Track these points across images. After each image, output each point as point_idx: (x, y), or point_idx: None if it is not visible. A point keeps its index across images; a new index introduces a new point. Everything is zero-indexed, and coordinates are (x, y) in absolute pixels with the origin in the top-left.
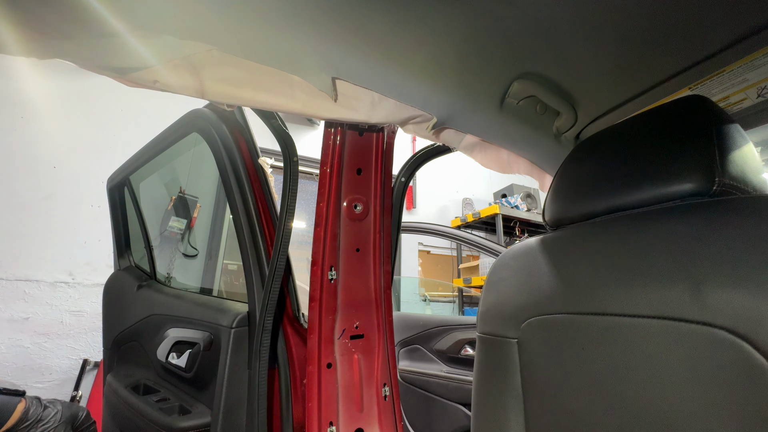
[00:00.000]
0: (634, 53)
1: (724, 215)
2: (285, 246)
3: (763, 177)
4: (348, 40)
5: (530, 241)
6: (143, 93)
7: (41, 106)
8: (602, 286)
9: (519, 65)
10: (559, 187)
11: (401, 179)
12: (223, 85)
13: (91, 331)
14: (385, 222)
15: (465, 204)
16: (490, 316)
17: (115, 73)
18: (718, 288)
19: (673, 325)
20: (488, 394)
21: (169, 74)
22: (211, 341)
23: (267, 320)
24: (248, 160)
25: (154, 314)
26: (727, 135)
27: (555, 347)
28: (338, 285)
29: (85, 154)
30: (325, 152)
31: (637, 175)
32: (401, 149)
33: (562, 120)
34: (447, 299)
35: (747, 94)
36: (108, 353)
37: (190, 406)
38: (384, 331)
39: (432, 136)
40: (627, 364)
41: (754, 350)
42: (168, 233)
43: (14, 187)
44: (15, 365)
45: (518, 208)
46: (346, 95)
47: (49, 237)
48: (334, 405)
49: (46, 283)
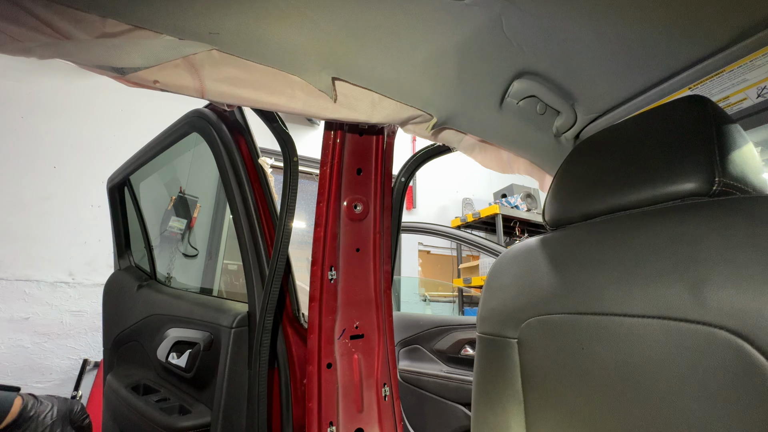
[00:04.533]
0: (634, 53)
1: (724, 215)
2: (285, 246)
3: (763, 177)
4: (348, 40)
5: (530, 241)
6: (143, 93)
7: (41, 106)
8: (602, 286)
9: (519, 65)
10: (559, 187)
11: (401, 179)
12: (223, 85)
13: (91, 331)
14: (385, 222)
15: (465, 204)
16: (490, 316)
17: (115, 73)
18: (718, 288)
19: (673, 325)
20: (488, 394)
21: (169, 74)
22: (211, 341)
23: (267, 320)
24: (248, 160)
25: (154, 314)
26: (727, 135)
27: (555, 347)
28: (338, 285)
29: (85, 154)
30: (325, 152)
31: (637, 175)
32: (401, 149)
33: (562, 120)
34: (447, 299)
35: (747, 94)
36: (108, 353)
37: (190, 406)
38: (384, 331)
39: (432, 136)
40: (627, 364)
41: (754, 350)
42: (168, 233)
43: (14, 187)
44: (15, 365)
45: (518, 208)
46: (346, 95)
47: (49, 237)
48: (334, 405)
49: (46, 283)
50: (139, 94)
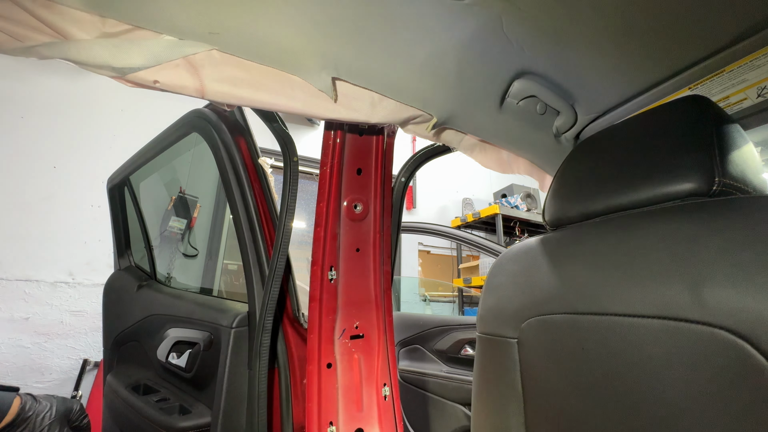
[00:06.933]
0: (634, 53)
1: (724, 215)
2: (285, 246)
3: (763, 177)
4: (348, 40)
5: (530, 241)
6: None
7: (41, 106)
8: (602, 286)
9: (519, 65)
10: (559, 187)
11: (401, 179)
12: (223, 85)
13: (91, 331)
14: (385, 222)
15: (465, 204)
16: (489, 316)
17: (115, 73)
18: (718, 288)
19: (673, 325)
20: (488, 394)
21: (169, 74)
22: (211, 341)
23: (267, 320)
24: (248, 160)
25: (154, 314)
26: (727, 135)
27: (555, 347)
28: (338, 285)
29: (85, 154)
30: (325, 152)
31: (637, 175)
32: (401, 149)
33: (562, 120)
34: (447, 299)
35: (747, 94)
36: (108, 353)
37: (190, 406)
38: (384, 331)
39: (432, 136)
40: (627, 364)
41: (754, 350)
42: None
43: (14, 187)
44: (15, 365)
45: (518, 208)
46: (346, 95)
47: (49, 237)
48: (334, 405)
49: (46, 283)
50: (139, 94)
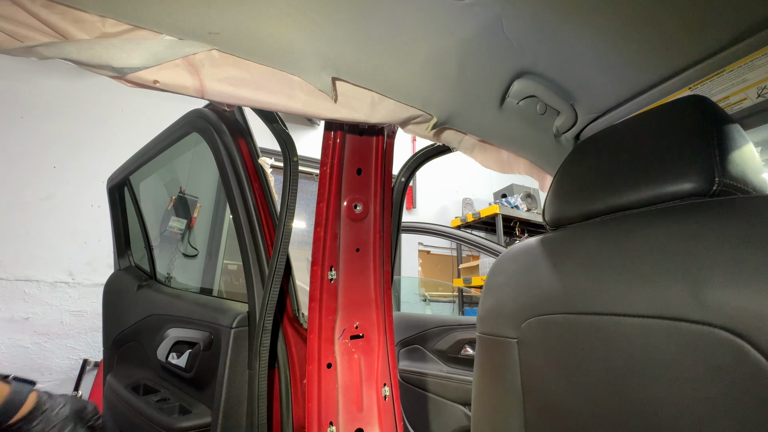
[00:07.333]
0: (634, 53)
1: (724, 215)
2: (285, 246)
3: (763, 177)
4: (348, 40)
5: (530, 241)
6: (143, 93)
7: (41, 106)
8: (602, 286)
9: (519, 65)
10: (559, 187)
11: (401, 179)
12: (223, 85)
13: (91, 331)
14: (385, 222)
15: (465, 204)
16: (490, 316)
17: (115, 73)
18: (717, 288)
19: (673, 325)
20: (488, 394)
21: (169, 74)
22: (211, 341)
23: (267, 320)
24: (248, 160)
25: (154, 314)
26: (727, 135)
27: (555, 347)
28: (338, 285)
29: (85, 154)
30: (325, 152)
31: (636, 175)
32: (401, 149)
33: (562, 120)
34: (447, 299)
35: (747, 94)
36: (108, 353)
37: (190, 406)
38: (384, 331)
39: (432, 136)
40: (627, 364)
41: (753, 350)
42: (168, 233)
43: (14, 187)
44: (15, 365)
45: (518, 208)
46: (346, 95)
47: (49, 237)
48: (334, 405)
49: (46, 283)
50: (139, 94)
